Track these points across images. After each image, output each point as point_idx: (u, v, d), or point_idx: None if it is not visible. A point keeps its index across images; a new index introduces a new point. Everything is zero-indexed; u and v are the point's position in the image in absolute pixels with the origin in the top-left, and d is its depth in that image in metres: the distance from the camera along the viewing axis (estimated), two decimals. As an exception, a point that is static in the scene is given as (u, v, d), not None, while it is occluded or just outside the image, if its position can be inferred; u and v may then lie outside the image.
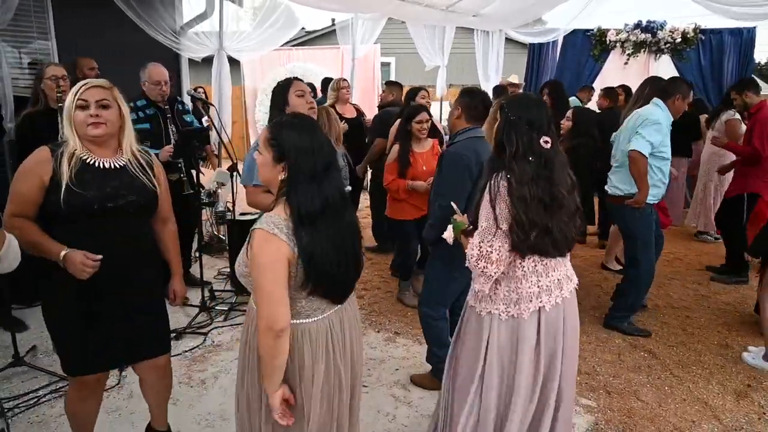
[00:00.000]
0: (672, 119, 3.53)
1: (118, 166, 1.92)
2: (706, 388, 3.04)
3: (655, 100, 3.57)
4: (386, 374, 3.11)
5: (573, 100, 6.75)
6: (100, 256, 1.80)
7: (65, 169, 1.79)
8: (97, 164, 1.88)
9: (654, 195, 3.49)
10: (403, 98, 5.11)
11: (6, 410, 2.63)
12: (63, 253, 1.77)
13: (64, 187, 1.78)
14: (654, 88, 3.70)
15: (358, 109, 5.31)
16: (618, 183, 3.60)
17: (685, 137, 5.28)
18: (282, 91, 2.54)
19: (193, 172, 4.00)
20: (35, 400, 2.73)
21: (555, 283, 1.89)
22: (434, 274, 2.79)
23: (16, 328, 3.28)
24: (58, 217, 1.82)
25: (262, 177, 1.60)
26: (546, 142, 1.82)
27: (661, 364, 3.28)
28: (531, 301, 1.86)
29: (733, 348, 3.48)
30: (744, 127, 4.85)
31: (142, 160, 1.98)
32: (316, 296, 1.56)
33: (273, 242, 1.45)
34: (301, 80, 2.63)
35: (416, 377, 3.06)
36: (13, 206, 1.84)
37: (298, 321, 1.56)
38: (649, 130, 3.37)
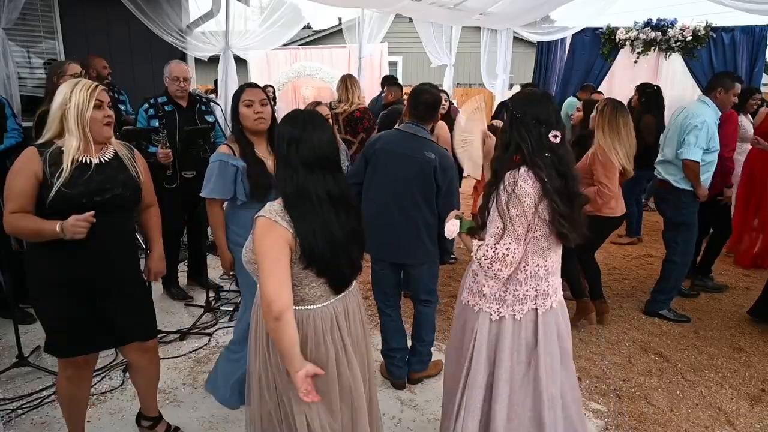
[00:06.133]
0: (720, 113, 3.65)
1: (105, 161, 1.99)
2: (719, 392, 2.97)
3: (702, 97, 3.71)
4: (392, 376, 3.06)
5: (572, 101, 6.69)
6: (91, 212, 1.84)
7: (65, 168, 1.86)
8: (86, 161, 1.93)
9: (704, 180, 3.65)
10: (406, 98, 4.97)
11: (9, 411, 2.62)
12: (58, 225, 1.82)
13: (57, 185, 1.85)
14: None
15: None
16: (666, 174, 3.75)
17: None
18: (234, 99, 2.43)
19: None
20: (39, 401, 2.72)
21: (551, 288, 1.91)
22: None
23: (25, 320, 3.37)
24: (50, 212, 1.88)
25: None
26: (555, 136, 1.79)
27: (672, 368, 3.21)
28: (526, 303, 1.88)
29: (747, 351, 3.41)
30: None
31: (125, 153, 2.07)
32: (316, 277, 1.63)
33: (273, 228, 1.54)
34: (255, 86, 2.47)
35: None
36: (11, 204, 1.89)
37: (302, 307, 1.63)
38: (695, 135, 3.50)
